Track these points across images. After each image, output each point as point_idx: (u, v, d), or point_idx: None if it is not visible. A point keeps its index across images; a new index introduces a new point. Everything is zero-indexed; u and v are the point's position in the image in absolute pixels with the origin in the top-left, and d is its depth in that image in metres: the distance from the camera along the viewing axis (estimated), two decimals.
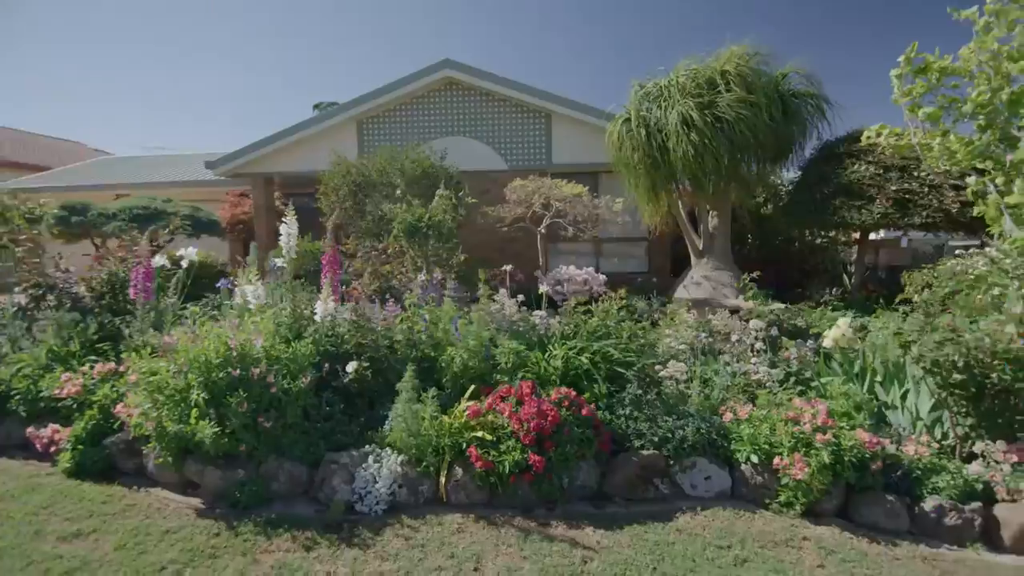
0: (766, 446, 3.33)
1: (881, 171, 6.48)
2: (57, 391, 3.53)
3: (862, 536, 3.03)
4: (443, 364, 3.75)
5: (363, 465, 3.15)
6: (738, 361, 4.43)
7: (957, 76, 4.75)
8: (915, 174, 6.32)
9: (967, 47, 4.57)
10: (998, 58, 4.48)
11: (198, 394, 3.03)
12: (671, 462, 3.38)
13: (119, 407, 3.41)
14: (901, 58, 4.88)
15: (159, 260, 4.63)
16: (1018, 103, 4.51)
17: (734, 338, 4.78)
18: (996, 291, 4.93)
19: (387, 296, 5.13)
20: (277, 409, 3.24)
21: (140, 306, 4.21)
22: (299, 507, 3.11)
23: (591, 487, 3.34)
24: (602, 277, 8.29)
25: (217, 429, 2.95)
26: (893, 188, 6.33)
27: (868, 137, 5.45)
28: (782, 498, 3.24)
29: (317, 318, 3.83)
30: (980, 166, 5.01)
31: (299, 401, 3.33)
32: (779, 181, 9.66)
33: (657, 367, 4.04)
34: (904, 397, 3.84)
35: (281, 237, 4.00)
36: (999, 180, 4.35)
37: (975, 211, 4.64)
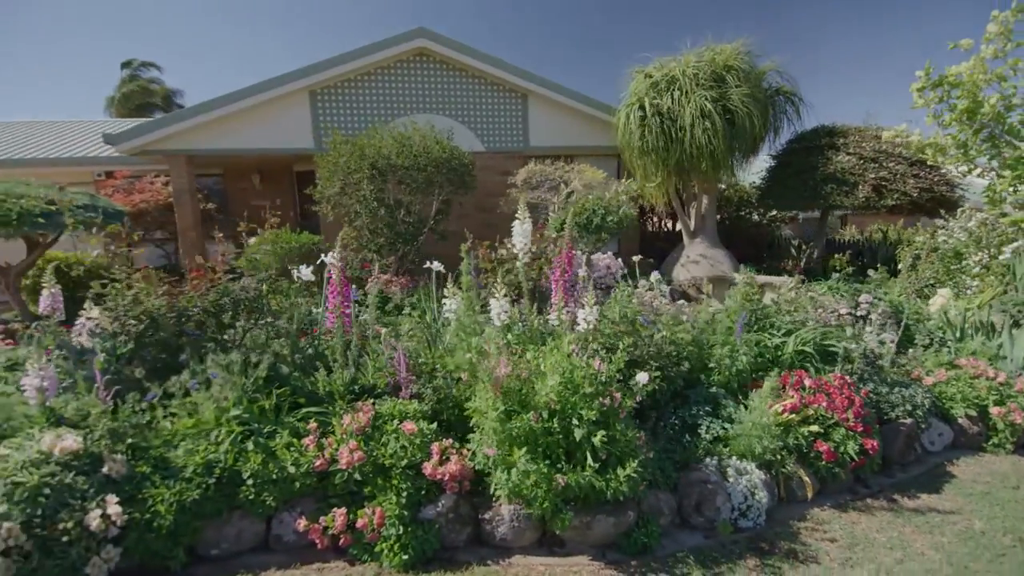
0: (976, 401, 4.01)
1: (861, 161, 7.84)
2: (319, 462, 2.57)
3: None
4: (714, 364, 3.66)
5: (731, 479, 2.99)
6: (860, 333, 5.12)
7: (957, 89, 6.02)
8: (886, 165, 7.79)
9: (957, 67, 5.81)
10: (987, 75, 5.81)
11: (589, 431, 2.53)
12: (921, 426, 3.85)
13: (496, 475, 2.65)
14: (920, 72, 6.00)
15: (307, 272, 3.55)
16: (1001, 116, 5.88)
17: (843, 311, 5.46)
18: (976, 258, 6.41)
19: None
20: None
21: (337, 337, 3.22)
22: (684, 538, 2.84)
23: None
24: (620, 262, 8.59)
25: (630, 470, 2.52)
26: (871, 176, 7.71)
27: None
28: (994, 440, 3.96)
29: (579, 328, 3.40)
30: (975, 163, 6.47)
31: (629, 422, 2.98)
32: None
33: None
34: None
35: (515, 236, 3.40)
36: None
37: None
